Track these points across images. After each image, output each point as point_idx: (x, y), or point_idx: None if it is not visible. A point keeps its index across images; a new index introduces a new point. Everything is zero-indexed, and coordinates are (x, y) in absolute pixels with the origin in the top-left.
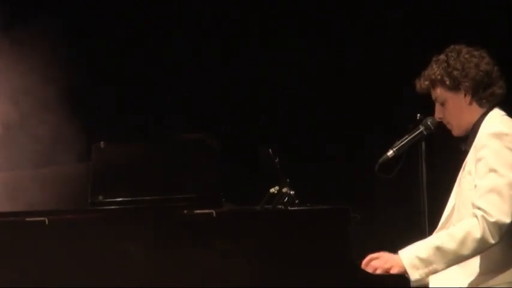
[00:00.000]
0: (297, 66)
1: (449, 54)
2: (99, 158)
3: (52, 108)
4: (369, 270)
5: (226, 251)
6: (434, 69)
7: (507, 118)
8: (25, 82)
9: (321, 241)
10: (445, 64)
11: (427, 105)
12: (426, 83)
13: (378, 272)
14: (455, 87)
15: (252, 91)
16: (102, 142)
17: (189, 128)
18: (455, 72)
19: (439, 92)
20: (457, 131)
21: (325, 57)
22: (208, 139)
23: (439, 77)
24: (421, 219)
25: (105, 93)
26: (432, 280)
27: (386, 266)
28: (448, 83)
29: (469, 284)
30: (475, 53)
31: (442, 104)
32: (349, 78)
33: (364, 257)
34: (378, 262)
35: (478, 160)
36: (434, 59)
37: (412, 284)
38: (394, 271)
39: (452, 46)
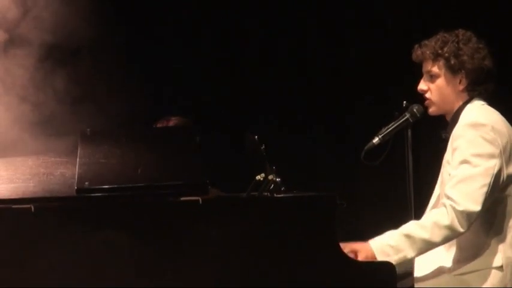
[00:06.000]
0: (286, 50)
1: (461, 37)
2: (86, 145)
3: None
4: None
5: (212, 238)
6: (442, 45)
7: (486, 108)
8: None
9: (307, 228)
10: (456, 44)
11: (414, 92)
12: (428, 52)
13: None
14: (456, 70)
15: (239, 76)
16: (88, 129)
17: (174, 114)
18: (464, 57)
19: (436, 67)
20: (435, 109)
21: (317, 42)
22: (194, 126)
23: (446, 54)
24: (407, 205)
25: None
26: (417, 266)
27: (355, 247)
28: (452, 63)
29: (455, 269)
30: (482, 45)
31: (432, 79)
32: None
33: None
34: (345, 249)
35: (454, 150)
36: (442, 34)
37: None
38: (361, 256)
39: (462, 30)
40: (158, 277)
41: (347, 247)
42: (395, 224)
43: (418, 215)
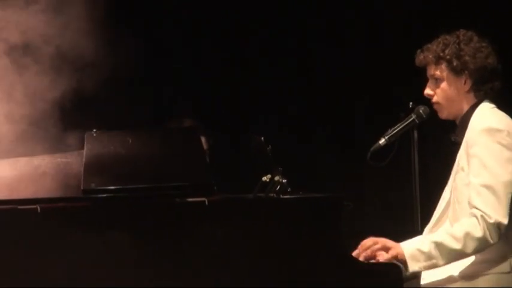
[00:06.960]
0: (286, 50)
1: (462, 37)
2: (92, 146)
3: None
4: (368, 253)
5: (218, 239)
6: (444, 47)
7: (497, 112)
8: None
9: (313, 229)
10: (457, 46)
11: (420, 94)
12: (430, 57)
13: (376, 247)
14: (459, 71)
15: (239, 76)
16: (94, 130)
17: (180, 116)
18: (466, 58)
19: (439, 71)
20: (445, 113)
21: (317, 42)
22: (200, 127)
23: (448, 56)
24: (413, 206)
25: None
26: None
27: (388, 244)
28: (455, 64)
29: (462, 272)
30: (484, 44)
31: (437, 82)
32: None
33: (355, 246)
34: (378, 245)
35: (471, 157)
36: (443, 37)
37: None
38: (392, 253)
39: (463, 30)
40: (162, 278)
41: (380, 242)
42: (402, 224)
43: (424, 217)
